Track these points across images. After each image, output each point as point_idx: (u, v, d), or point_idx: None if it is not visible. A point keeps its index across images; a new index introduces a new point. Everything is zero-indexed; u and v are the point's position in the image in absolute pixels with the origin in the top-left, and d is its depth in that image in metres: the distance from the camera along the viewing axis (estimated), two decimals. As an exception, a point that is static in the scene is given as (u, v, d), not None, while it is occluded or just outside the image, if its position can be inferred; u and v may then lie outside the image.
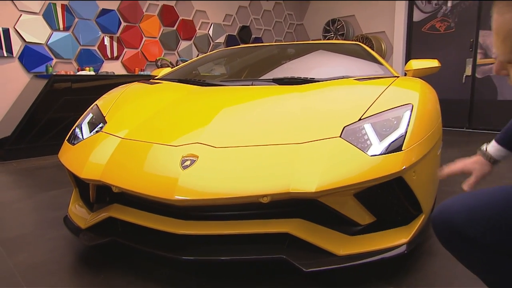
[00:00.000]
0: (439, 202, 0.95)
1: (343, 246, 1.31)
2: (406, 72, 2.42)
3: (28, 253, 1.68)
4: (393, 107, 1.49)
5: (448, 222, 0.83)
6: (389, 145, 1.33)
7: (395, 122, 1.42)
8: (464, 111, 5.43)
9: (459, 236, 0.82)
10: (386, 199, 1.38)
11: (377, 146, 1.33)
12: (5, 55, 3.97)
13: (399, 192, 1.36)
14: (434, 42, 5.63)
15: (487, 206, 0.81)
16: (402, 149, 1.32)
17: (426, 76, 2.35)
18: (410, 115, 1.44)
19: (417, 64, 2.34)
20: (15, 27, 4.02)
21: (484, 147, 1.00)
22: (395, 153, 1.30)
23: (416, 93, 1.60)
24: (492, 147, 0.98)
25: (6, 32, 3.95)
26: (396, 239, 1.34)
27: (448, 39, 5.48)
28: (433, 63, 2.34)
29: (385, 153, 1.30)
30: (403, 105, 1.50)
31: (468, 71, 5.32)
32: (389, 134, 1.37)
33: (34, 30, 4.17)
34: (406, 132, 1.37)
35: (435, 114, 1.63)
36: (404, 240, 1.34)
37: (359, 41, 5.06)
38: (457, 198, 0.86)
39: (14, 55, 4.05)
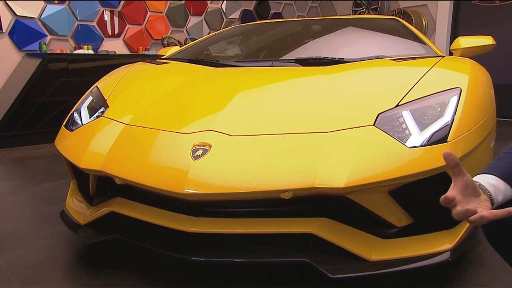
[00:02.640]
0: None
1: (376, 250, 1.31)
2: (453, 52, 2.37)
3: (22, 251, 1.74)
4: (437, 91, 1.47)
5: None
6: (432, 135, 1.32)
7: (439, 109, 1.40)
8: (523, 99, 5.27)
9: (509, 228, 0.81)
10: (426, 198, 1.37)
11: (417, 137, 1.32)
12: (-6, 31, 4.07)
13: (443, 190, 1.33)
14: (488, 17, 5.45)
15: None
16: (447, 140, 1.30)
17: (477, 56, 2.29)
18: (458, 101, 1.42)
19: (466, 41, 2.29)
20: (5, -1, 4.11)
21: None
22: (438, 144, 1.29)
23: (465, 76, 1.57)
24: (480, 178, 0.91)
25: (-5, 5, 4.05)
26: (438, 244, 1.33)
27: (505, 12, 5.30)
28: (486, 40, 2.28)
29: (426, 145, 1.29)
30: (449, 89, 1.47)
31: (530, 50, 5.16)
32: (431, 123, 1.36)
33: (25, 3, 4.25)
34: (452, 121, 1.35)
35: (488, 100, 1.60)
36: (448, 246, 1.32)
37: (396, 16, 4.96)
38: None
39: (4, 30, 4.14)
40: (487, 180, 0.88)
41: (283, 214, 1.37)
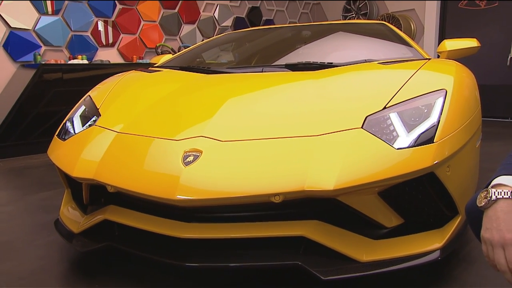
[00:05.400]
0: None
1: (367, 251, 1.30)
2: (439, 54, 2.38)
3: (16, 261, 1.72)
4: (423, 93, 1.47)
5: None
6: (419, 136, 1.32)
7: (425, 110, 1.40)
8: (509, 99, 5.32)
9: None
10: (415, 198, 1.37)
11: (405, 138, 1.32)
12: (-11, 43, 4.06)
13: (431, 190, 1.35)
14: (473, 20, 5.52)
15: None
16: (434, 141, 1.30)
17: (463, 58, 2.31)
18: (443, 102, 1.42)
19: (451, 44, 2.31)
20: (-1, 11, 4.10)
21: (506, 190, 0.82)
22: (425, 145, 1.29)
23: (450, 77, 1.57)
24: (505, 179, 0.84)
25: (-11, 17, 4.04)
26: (428, 243, 1.33)
27: (490, 15, 5.37)
28: (471, 42, 2.30)
29: (413, 146, 1.29)
30: (435, 91, 1.48)
31: (514, 52, 5.21)
32: (418, 124, 1.36)
33: (19, 14, 4.24)
34: (438, 122, 1.35)
35: (473, 101, 1.61)
36: (438, 245, 1.32)
37: (385, 21, 5.00)
38: None
39: (-1, 42, 4.13)
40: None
41: (275, 218, 1.36)
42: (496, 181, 0.86)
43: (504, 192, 0.81)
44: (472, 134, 1.50)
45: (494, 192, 0.82)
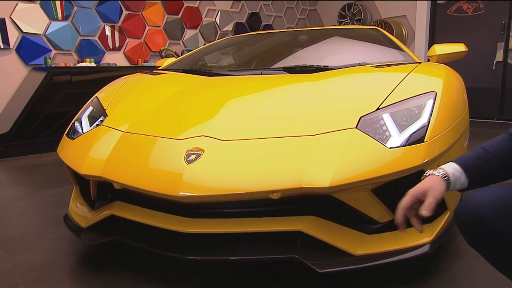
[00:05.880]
0: (464, 197, 0.94)
1: (360, 245, 1.30)
2: (429, 58, 2.38)
3: (28, 254, 1.72)
4: (414, 95, 1.47)
5: (475, 214, 0.83)
6: (410, 136, 1.32)
7: (416, 111, 1.40)
8: (495, 101, 5.32)
9: (487, 229, 0.81)
10: (407, 195, 1.36)
11: (397, 138, 1.31)
12: (2, 46, 4.04)
13: (422, 188, 1.34)
14: (461, 26, 5.51)
15: None
16: (424, 140, 1.30)
17: (451, 62, 2.31)
18: (433, 103, 1.42)
19: (441, 48, 2.31)
20: (11, 16, 4.09)
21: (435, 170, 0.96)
22: (416, 145, 1.29)
23: (440, 80, 1.57)
24: (448, 166, 0.95)
25: (2, 22, 4.02)
26: (418, 238, 1.33)
27: (477, 21, 5.36)
28: (459, 47, 2.30)
29: (405, 145, 1.29)
30: (426, 93, 1.48)
31: (499, 56, 5.21)
32: (410, 125, 1.36)
33: (31, 20, 4.23)
34: (428, 123, 1.35)
35: (461, 102, 1.60)
36: (427, 239, 1.32)
37: (378, 27, 4.99)
38: (484, 191, 0.86)
39: (11, 46, 4.12)
40: (452, 168, 0.95)
41: (273, 214, 1.36)
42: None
43: (433, 170, 0.94)
44: (460, 134, 1.49)
45: (427, 172, 0.96)
